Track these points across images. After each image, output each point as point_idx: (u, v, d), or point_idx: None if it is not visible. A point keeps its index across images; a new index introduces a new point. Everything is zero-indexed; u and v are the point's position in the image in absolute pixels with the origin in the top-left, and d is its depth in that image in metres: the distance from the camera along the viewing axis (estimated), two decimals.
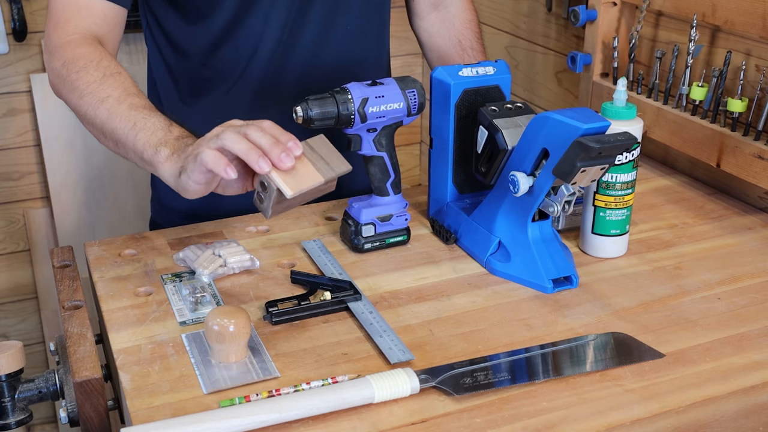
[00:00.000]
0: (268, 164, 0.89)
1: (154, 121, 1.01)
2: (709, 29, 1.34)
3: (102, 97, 1.05)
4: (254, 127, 0.93)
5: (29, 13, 1.92)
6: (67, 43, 1.12)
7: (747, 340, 0.95)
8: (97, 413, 0.91)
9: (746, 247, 1.17)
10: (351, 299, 1.01)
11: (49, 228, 2.08)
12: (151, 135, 1.00)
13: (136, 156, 1.02)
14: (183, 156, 0.96)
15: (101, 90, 1.06)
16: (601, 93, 1.51)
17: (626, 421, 0.82)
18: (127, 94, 1.05)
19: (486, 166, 1.10)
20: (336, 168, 0.95)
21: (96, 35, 1.14)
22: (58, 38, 1.12)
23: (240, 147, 0.90)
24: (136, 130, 1.01)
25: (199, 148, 0.92)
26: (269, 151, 0.90)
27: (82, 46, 1.11)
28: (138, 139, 1.00)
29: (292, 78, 1.26)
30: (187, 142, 0.98)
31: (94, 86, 1.06)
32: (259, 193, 0.91)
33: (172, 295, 1.04)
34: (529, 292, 1.05)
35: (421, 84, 1.12)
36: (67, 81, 1.09)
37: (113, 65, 1.10)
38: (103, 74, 1.07)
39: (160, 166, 0.98)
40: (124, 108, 1.03)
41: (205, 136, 0.94)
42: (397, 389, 0.83)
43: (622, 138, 0.95)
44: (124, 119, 1.02)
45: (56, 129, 1.99)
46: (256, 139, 0.91)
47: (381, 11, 1.32)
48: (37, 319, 2.15)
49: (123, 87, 1.06)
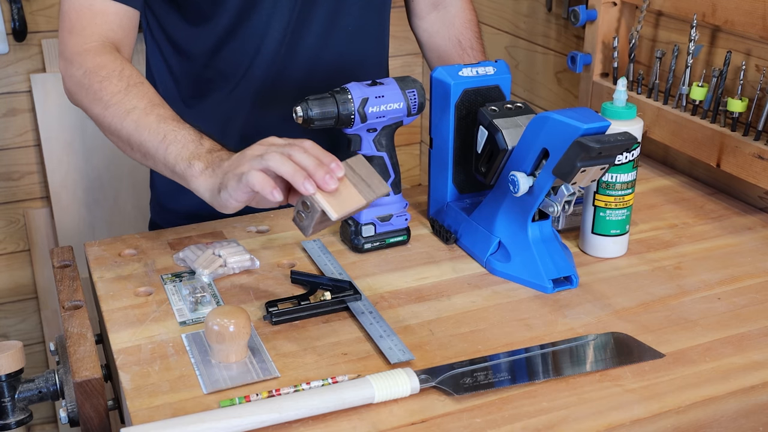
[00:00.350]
0: (313, 186, 0.89)
1: (184, 134, 1.00)
2: (709, 29, 1.34)
3: (128, 108, 1.04)
4: (297, 147, 0.92)
5: (29, 13, 1.92)
6: (87, 50, 1.10)
7: (747, 340, 0.95)
8: (97, 413, 0.91)
9: (746, 247, 1.17)
10: (351, 299, 1.01)
11: (49, 228, 2.08)
12: (183, 148, 0.99)
13: (167, 169, 1.01)
14: (220, 172, 0.95)
15: (126, 101, 1.05)
16: (601, 93, 1.51)
17: (626, 421, 0.82)
18: (152, 105, 1.05)
19: (486, 166, 1.10)
20: (376, 190, 0.95)
21: (113, 41, 1.13)
22: (75, 45, 1.11)
23: (286, 169, 0.90)
24: (167, 143, 1.00)
25: (241, 168, 0.92)
26: (314, 172, 0.90)
27: (102, 54, 1.09)
28: (169, 153, 1.00)
29: (294, 79, 1.26)
30: (220, 156, 0.97)
31: (118, 97, 1.05)
32: (300, 212, 0.91)
33: (172, 295, 1.04)
34: (529, 292, 1.05)
35: (421, 84, 1.12)
36: (90, 90, 1.08)
37: (135, 74, 1.08)
38: (126, 84, 1.06)
39: (194, 180, 0.97)
40: (152, 120, 1.03)
41: (245, 154, 0.93)
42: (397, 389, 0.83)
43: (622, 138, 0.95)
44: (153, 132, 1.02)
45: (56, 129, 1.99)
46: (300, 160, 0.91)
47: (381, 11, 1.32)
48: (37, 319, 2.15)
49: (148, 97, 1.06)
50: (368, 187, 0.94)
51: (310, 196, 0.89)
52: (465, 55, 1.38)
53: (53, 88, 1.96)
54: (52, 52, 1.96)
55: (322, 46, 1.26)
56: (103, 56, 1.09)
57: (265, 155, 0.91)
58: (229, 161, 0.95)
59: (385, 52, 1.38)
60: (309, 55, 1.26)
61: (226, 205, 0.94)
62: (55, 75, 1.96)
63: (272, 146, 0.94)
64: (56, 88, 1.97)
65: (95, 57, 1.09)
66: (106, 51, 1.10)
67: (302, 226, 0.92)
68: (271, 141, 0.95)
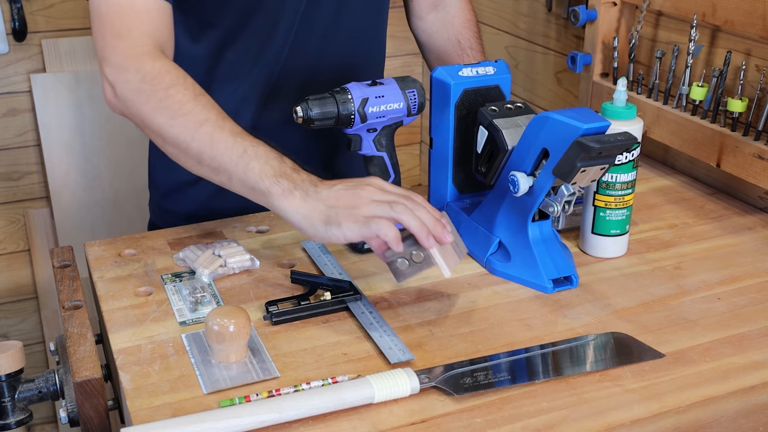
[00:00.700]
0: (434, 242, 0.92)
1: (264, 150, 0.98)
2: (709, 29, 1.34)
3: (200, 120, 0.99)
4: (416, 202, 0.95)
5: (29, 13, 1.92)
6: (142, 54, 1.04)
7: (747, 340, 0.95)
8: (97, 413, 0.91)
9: (746, 247, 1.17)
10: (351, 299, 1.01)
11: (49, 228, 2.08)
12: (265, 164, 0.96)
13: (244, 185, 0.98)
14: (321, 203, 0.94)
15: (197, 111, 1.00)
16: (601, 93, 1.51)
17: (626, 421, 0.82)
18: (223, 117, 1.01)
19: (486, 166, 1.10)
20: (463, 249, 1.00)
21: (160, 43, 1.07)
22: (126, 49, 1.04)
23: (415, 224, 0.92)
24: (247, 158, 0.97)
25: (362, 210, 0.92)
26: (433, 228, 0.93)
27: (160, 59, 1.04)
28: (250, 168, 0.96)
29: (296, 80, 1.26)
30: (310, 179, 0.96)
31: (188, 107, 1.00)
32: (405, 260, 0.94)
33: (172, 295, 1.04)
34: (529, 292, 1.05)
35: (421, 84, 1.12)
36: (152, 98, 1.01)
37: (195, 83, 1.04)
38: (193, 93, 1.01)
39: (279, 199, 0.95)
40: (227, 133, 0.99)
41: (361, 195, 0.94)
42: (397, 389, 0.83)
43: (622, 138, 0.95)
44: (230, 146, 0.98)
45: (56, 129, 1.99)
46: (421, 215, 0.94)
47: (381, 12, 1.33)
48: (37, 319, 2.15)
49: (216, 108, 1.02)
50: (457, 246, 0.99)
51: (428, 250, 0.92)
52: (464, 55, 1.38)
53: (53, 88, 1.96)
54: (52, 52, 1.96)
55: (324, 48, 1.26)
56: (162, 61, 1.04)
57: (393, 206, 0.93)
58: (333, 194, 0.94)
59: (383, 52, 1.38)
60: (312, 57, 1.25)
61: (329, 238, 0.94)
62: (55, 75, 1.96)
63: (390, 194, 0.95)
64: (56, 88, 1.97)
65: (154, 61, 1.03)
66: (161, 56, 1.05)
67: (401, 272, 0.95)
68: (383, 187, 0.96)
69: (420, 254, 0.93)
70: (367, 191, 0.94)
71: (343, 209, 0.93)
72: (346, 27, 1.27)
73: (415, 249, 0.93)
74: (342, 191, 0.94)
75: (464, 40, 1.39)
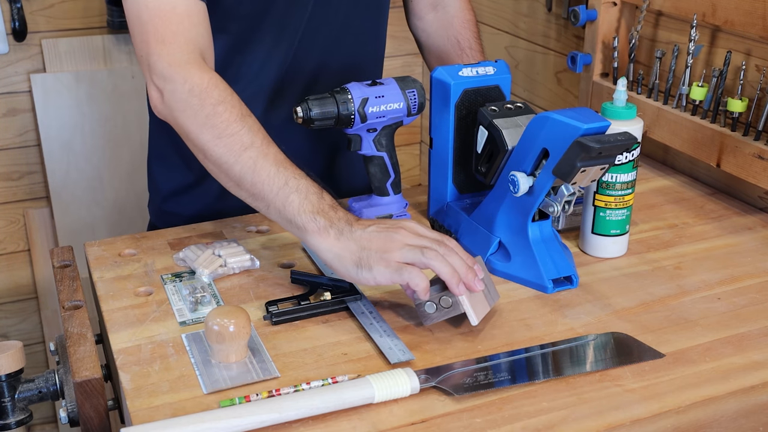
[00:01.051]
0: (464, 289, 0.92)
1: (305, 183, 0.98)
2: (709, 29, 1.34)
3: (245, 144, 0.99)
4: (449, 248, 0.95)
5: (29, 13, 1.92)
6: (188, 63, 1.02)
7: (747, 340, 0.95)
8: (97, 413, 0.91)
9: (746, 247, 1.17)
10: (351, 299, 1.01)
11: (49, 228, 2.08)
12: (305, 199, 0.97)
13: (281, 217, 0.98)
14: (354, 244, 0.94)
15: (243, 134, 0.99)
16: (601, 93, 1.51)
17: (626, 421, 0.82)
18: (267, 143, 1.00)
19: (486, 166, 1.10)
20: (494, 296, 1.00)
21: (202, 50, 1.06)
22: (172, 56, 1.02)
23: (446, 271, 0.92)
24: (288, 190, 0.97)
25: (393, 255, 0.92)
26: (465, 275, 0.93)
27: (207, 72, 1.03)
28: (290, 202, 0.97)
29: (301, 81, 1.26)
30: (346, 218, 0.96)
31: (234, 127, 0.99)
32: (434, 304, 0.94)
33: (172, 295, 1.04)
34: (529, 292, 1.05)
35: (421, 84, 1.12)
36: (200, 113, 1.00)
37: (242, 102, 1.03)
38: (240, 113, 1.01)
39: (314, 236, 0.96)
40: (271, 162, 0.99)
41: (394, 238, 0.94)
42: (397, 389, 0.83)
43: (622, 138, 0.95)
44: (273, 175, 0.98)
45: (56, 129, 1.99)
46: (453, 261, 0.93)
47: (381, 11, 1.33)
48: (37, 319, 2.15)
49: (262, 132, 1.01)
50: (489, 292, 0.99)
51: (458, 297, 0.92)
52: (464, 55, 1.38)
53: (53, 88, 1.96)
54: (52, 52, 1.96)
55: (329, 50, 1.26)
56: (209, 74, 1.03)
57: (426, 252, 0.93)
58: (366, 235, 0.94)
59: (383, 52, 1.38)
60: (317, 59, 1.25)
61: (360, 280, 0.95)
62: (55, 75, 1.96)
63: (423, 238, 0.95)
64: (56, 88, 1.97)
65: (201, 73, 1.02)
66: (206, 67, 1.04)
67: (428, 316, 0.95)
68: (417, 230, 0.96)
69: (449, 299, 0.93)
70: (401, 235, 0.94)
71: (375, 252, 0.93)
72: (351, 29, 1.27)
73: (444, 294, 0.93)
74: (375, 233, 0.94)
75: (464, 41, 1.39)
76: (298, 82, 1.26)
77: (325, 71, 1.26)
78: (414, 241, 0.94)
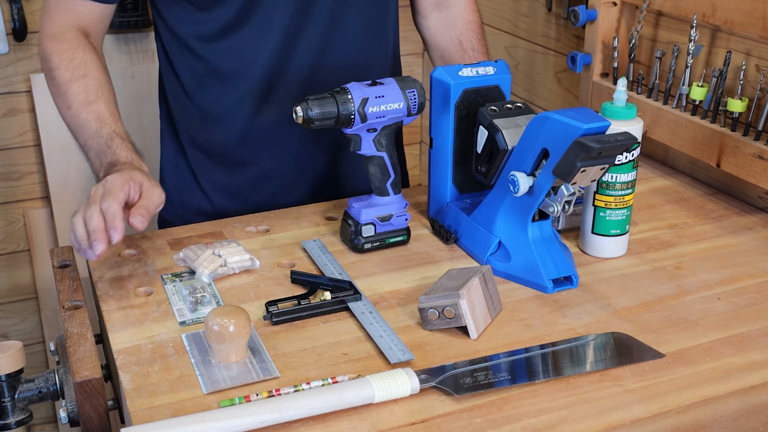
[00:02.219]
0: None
1: (97, 143, 1.15)
2: (709, 29, 1.34)
3: (66, 104, 1.18)
4: (92, 215, 1.02)
5: (29, 13, 1.92)
6: (52, 35, 1.20)
7: (747, 340, 0.95)
8: (97, 413, 0.91)
9: (746, 247, 1.17)
10: (351, 299, 1.01)
11: (49, 228, 2.08)
12: (95, 157, 1.15)
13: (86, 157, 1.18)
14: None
15: (68, 96, 1.18)
16: (601, 93, 1.51)
17: (626, 421, 0.82)
18: (84, 104, 1.16)
19: (486, 166, 1.10)
20: (497, 306, 1.00)
21: (81, 28, 1.22)
22: (44, 27, 1.22)
23: (72, 237, 1.03)
24: (88, 147, 1.16)
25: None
26: (83, 244, 1.01)
27: (61, 42, 1.20)
28: (90, 157, 1.16)
29: (296, 78, 1.26)
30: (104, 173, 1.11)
31: (62, 89, 1.18)
32: (435, 310, 0.95)
33: (172, 295, 1.04)
34: (529, 292, 1.05)
35: (421, 84, 1.12)
36: (47, 76, 1.21)
37: (81, 66, 1.18)
38: (70, 77, 1.18)
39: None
40: (81, 121, 1.17)
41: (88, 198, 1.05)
42: (397, 389, 0.83)
43: (622, 138, 0.95)
44: (81, 131, 1.17)
45: (56, 129, 1.99)
46: (88, 225, 1.02)
47: (385, 9, 1.32)
48: (37, 319, 2.15)
49: (83, 95, 1.17)
50: (492, 303, 0.99)
51: (459, 308, 0.93)
52: (466, 56, 1.38)
53: None
54: None
55: (325, 44, 1.26)
56: (60, 44, 1.20)
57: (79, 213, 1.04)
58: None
59: (390, 51, 1.38)
60: (312, 53, 1.25)
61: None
62: None
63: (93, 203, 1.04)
64: None
65: (55, 43, 1.20)
66: (66, 38, 1.20)
67: (430, 322, 0.96)
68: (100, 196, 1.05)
69: (452, 311, 0.94)
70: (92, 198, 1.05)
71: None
72: (348, 25, 1.26)
73: (449, 306, 0.94)
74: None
75: (466, 41, 1.39)
76: (291, 81, 1.26)
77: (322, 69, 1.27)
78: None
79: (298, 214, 1.27)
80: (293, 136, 1.30)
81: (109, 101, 1.18)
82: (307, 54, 1.25)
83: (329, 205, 1.29)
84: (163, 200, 1.07)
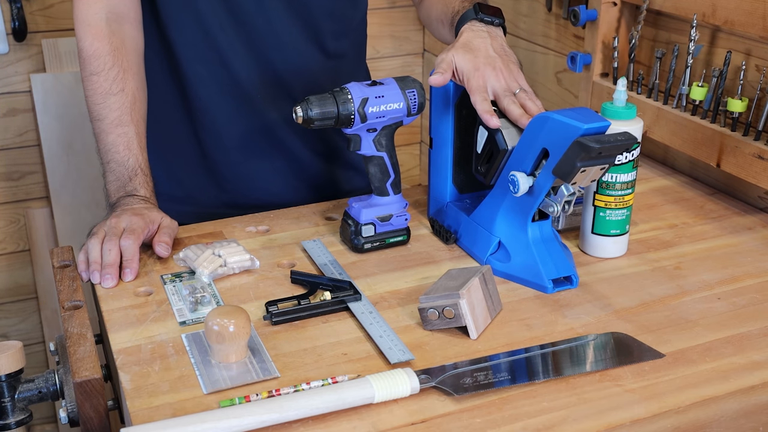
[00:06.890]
0: (466, 303, 0.94)
1: (119, 169, 1.17)
2: (709, 29, 1.34)
3: (99, 116, 1.19)
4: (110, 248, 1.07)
5: (29, 13, 1.92)
6: (89, 26, 1.18)
7: (747, 340, 0.95)
8: (97, 413, 0.91)
9: (746, 247, 1.17)
10: (351, 299, 1.01)
11: (49, 228, 2.08)
12: (112, 181, 1.18)
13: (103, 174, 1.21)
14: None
15: (101, 108, 1.18)
16: (601, 93, 1.51)
17: (626, 421, 0.82)
18: (116, 125, 1.17)
19: (486, 166, 1.10)
20: (497, 306, 1.00)
21: (117, 12, 1.19)
22: (80, 13, 1.18)
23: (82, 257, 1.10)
24: (106, 167, 1.19)
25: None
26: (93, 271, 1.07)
27: (99, 40, 1.17)
28: (106, 176, 1.20)
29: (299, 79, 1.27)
30: (117, 206, 1.15)
31: (98, 98, 1.18)
32: (436, 312, 0.95)
33: (172, 295, 1.04)
34: (529, 292, 1.05)
35: (421, 84, 1.12)
36: (85, 74, 1.19)
37: (119, 79, 1.17)
38: (108, 89, 1.17)
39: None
40: (104, 141, 1.19)
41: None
42: (397, 389, 0.83)
43: (622, 138, 0.95)
44: (104, 150, 1.19)
45: (56, 129, 1.99)
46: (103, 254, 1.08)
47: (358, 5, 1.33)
48: (37, 319, 2.15)
49: (118, 112, 1.17)
50: (492, 303, 0.99)
51: (459, 308, 0.93)
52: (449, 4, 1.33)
53: (53, 88, 1.96)
54: (52, 52, 1.96)
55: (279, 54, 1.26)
56: (100, 42, 1.17)
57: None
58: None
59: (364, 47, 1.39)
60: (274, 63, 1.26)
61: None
62: (54, 75, 1.96)
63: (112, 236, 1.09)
64: (56, 88, 1.97)
65: (92, 40, 1.17)
66: (105, 34, 1.17)
67: (429, 322, 0.96)
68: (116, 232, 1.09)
69: (452, 311, 0.94)
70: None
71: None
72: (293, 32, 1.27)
73: (449, 306, 0.94)
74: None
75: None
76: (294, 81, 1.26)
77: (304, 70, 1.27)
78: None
79: (298, 214, 1.27)
80: (293, 137, 1.30)
81: (139, 124, 1.20)
82: (272, 63, 1.26)
83: (329, 205, 1.29)
84: (177, 229, 1.16)
